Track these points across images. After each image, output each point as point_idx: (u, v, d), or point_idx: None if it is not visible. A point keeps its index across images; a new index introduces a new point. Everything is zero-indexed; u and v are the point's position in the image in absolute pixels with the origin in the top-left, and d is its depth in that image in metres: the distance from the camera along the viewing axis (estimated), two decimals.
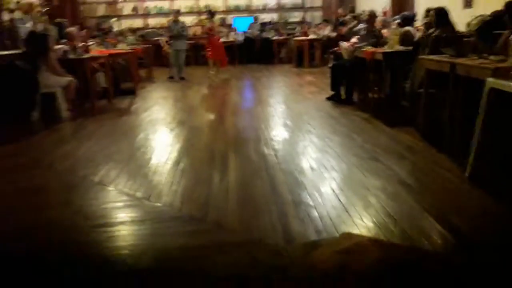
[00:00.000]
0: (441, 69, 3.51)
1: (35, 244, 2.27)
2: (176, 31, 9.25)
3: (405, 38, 5.01)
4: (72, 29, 7.48)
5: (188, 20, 13.38)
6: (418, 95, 4.12)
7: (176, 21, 9.46)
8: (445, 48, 3.67)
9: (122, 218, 2.54)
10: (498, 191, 2.59)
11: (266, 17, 13.74)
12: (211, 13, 9.51)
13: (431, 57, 3.78)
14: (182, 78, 9.19)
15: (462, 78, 3.28)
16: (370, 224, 2.27)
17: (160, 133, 4.55)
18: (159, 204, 2.65)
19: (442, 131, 3.49)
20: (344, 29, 7.85)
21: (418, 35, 5.12)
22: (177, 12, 9.83)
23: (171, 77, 9.34)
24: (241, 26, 13.04)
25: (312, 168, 3.16)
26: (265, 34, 12.63)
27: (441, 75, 3.54)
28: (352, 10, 10.28)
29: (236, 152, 3.72)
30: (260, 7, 13.72)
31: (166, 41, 12.07)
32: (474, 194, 2.67)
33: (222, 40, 12.23)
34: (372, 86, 5.39)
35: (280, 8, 13.74)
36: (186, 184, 2.97)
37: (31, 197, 2.91)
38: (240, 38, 12.65)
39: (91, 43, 7.76)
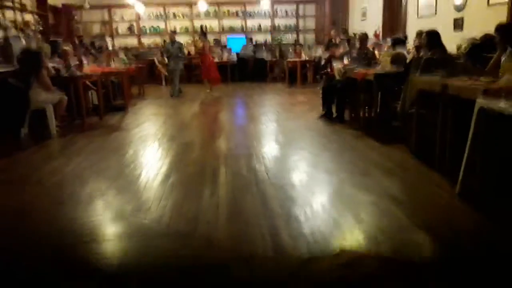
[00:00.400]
0: (433, 89, 3.55)
1: (23, 260, 2.20)
2: (172, 51, 9.40)
3: (397, 60, 5.08)
4: (66, 48, 7.50)
5: (183, 40, 13.53)
6: (409, 115, 4.15)
7: (173, 42, 9.57)
8: (436, 69, 3.73)
9: (110, 234, 2.49)
10: (487, 207, 2.60)
11: (260, 38, 13.94)
12: (203, 33, 9.67)
13: (423, 77, 3.83)
14: (173, 96, 9.30)
15: (452, 99, 3.32)
16: (361, 239, 2.24)
17: (150, 149, 4.51)
18: (146, 220, 2.60)
19: (433, 149, 3.50)
20: (336, 50, 7.94)
21: (409, 57, 5.20)
22: (174, 33, 9.98)
23: (172, 95, 9.43)
24: (235, 46, 13.19)
25: (302, 184, 3.14)
26: (258, 55, 12.78)
27: (432, 96, 3.58)
28: (345, 31, 10.45)
29: (227, 167, 3.69)
30: (254, 29, 13.93)
31: (160, 61, 12.18)
32: (463, 209, 2.67)
33: (216, 60, 12.38)
34: (363, 105, 5.43)
35: (273, 30, 13.96)
36: (175, 200, 2.93)
37: (19, 213, 2.84)
38: (234, 58, 12.78)
39: (84, 61, 7.77)
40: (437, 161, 3.41)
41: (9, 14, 9.03)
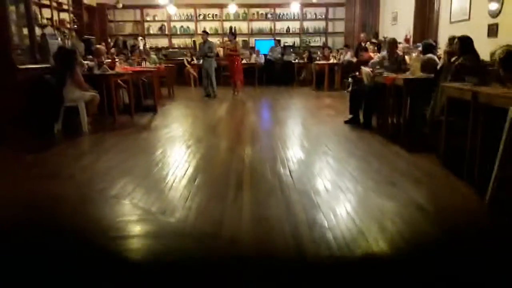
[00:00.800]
0: (463, 97, 3.48)
1: (51, 253, 2.29)
2: (204, 51, 9.60)
3: (427, 65, 5.00)
4: (100, 46, 7.73)
5: (212, 41, 13.70)
6: (439, 122, 4.08)
7: (205, 42, 9.75)
8: (468, 76, 3.65)
9: (136, 232, 2.56)
10: None
11: (288, 41, 13.94)
12: (233, 34, 9.68)
13: (453, 84, 3.75)
14: (209, 96, 9.54)
15: (484, 107, 3.24)
16: (385, 248, 2.22)
17: (177, 150, 4.59)
18: (173, 220, 2.66)
19: (462, 159, 3.43)
20: (365, 54, 7.87)
21: (440, 63, 5.10)
22: (206, 33, 10.10)
23: (207, 95, 9.59)
24: (263, 48, 13.24)
25: (327, 190, 3.13)
26: (286, 57, 12.77)
27: (463, 103, 3.51)
28: (376, 35, 10.33)
29: (252, 170, 3.72)
30: (283, 31, 13.94)
31: (190, 61, 12.36)
32: (492, 221, 2.61)
33: (244, 61, 12.48)
34: (392, 111, 5.36)
35: (302, 32, 13.93)
36: (200, 201, 2.98)
37: (49, 207, 2.96)
38: (261, 60, 12.83)
39: (116, 60, 7.98)
40: (466, 170, 3.33)
41: (46, 12, 9.38)
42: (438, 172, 3.57)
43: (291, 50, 13.30)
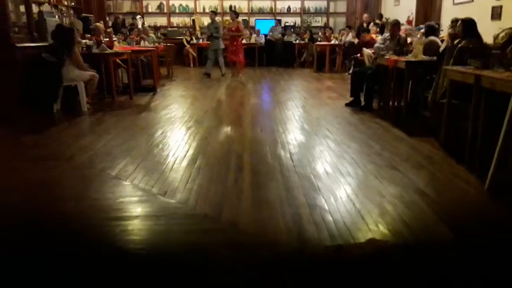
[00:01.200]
0: (466, 81, 3.45)
1: (50, 235, 2.30)
2: (210, 31, 9.55)
3: (429, 48, 4.95)
4: (98, 24, 7.63)
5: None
6: (440, 105, 4.06)
7: (212, 22, 9.67)
8: (471, 59, 3.61)
9: (137, 213, 2.57)
10: None
11: (289, 21, 13.76)
12: (235, 13, 9.51)
13: (455, 68, 3.71)
14: (208, 75, 9.52)
15: (486, 90, 3.22)
16: (385, 232, 2.24)
17: (177, 131, 4.58)
18: (173, 201, 2.67)
19: (463, 143, 3.42)
20: (367, 36, 7.78)
21: (442, 45, 5.04)
22: (214, 13, 10.00)
23: (206, 74, 9.56)
24: (264, 28, 13.08)
25: (328, 173, 3.13)
26: (287, 38, 12.62)
27: (465, 87, 3.48)
28: (381, 16, 10.19)
29: (252, 153, 3.72)
30: (284, 10, 13.75)
31: (189, 41, 12.21)
32: (492, 205, 2.63)
33: (244, 41, 12.33)
34: (393, 94, 5.33)
35: (303, 12, 13.75)
36: (201, 183, 2.98)
37: (49, 188, 2.96)
38: (262, 40, 12.68)
39: (115, 39, 7.88)
40: (467, 155, 3.34)
41: None
42: (438, 156, 3.57)
43: (292, 30, 13.13)
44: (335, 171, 3.18)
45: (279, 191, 2.80)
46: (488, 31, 4.57)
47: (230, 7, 13.38)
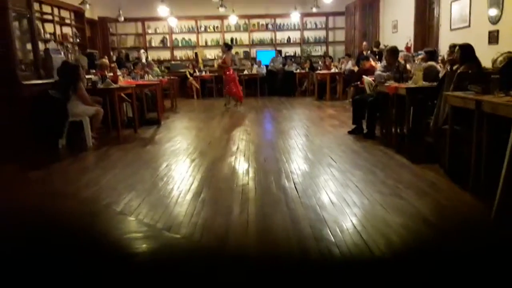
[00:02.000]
0: (467, 106, 3.48)
1: (56, 272, 2.29)
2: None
3: (429, 73, 5.01)
4: (103, 60, 7.80)
5: (213, 53, 13.84)
6: (443, 131, 4.07)
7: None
8: (471, 84, 3.65)
9: (142, 249, 2.55)
10: None
11: (289, 51, 14.01)
12: (227, 46, 9.73)
13: (456, 93, 3.75)
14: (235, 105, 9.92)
15: (488, 116, 3.24)
16: (392, 262, 2.21)
17: (182, 164, 4.60)
18: (178, 236, 2.66)
19: (468, 169, 3.41)
20: (366, 63, 7.90)
21: (441, 70, 5.11)
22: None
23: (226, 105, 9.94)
24: (265, 59, 13.31)
25: (333, 203, 3.12)
26: (287, 67, 12.83)
27: (466, 112, 3.50)
28: (378, 44, 10.38)
29: (256, 184, 3.72)
30: (284, 41, 14.02)
31: (192, 73, 12.43)
32: (498, 234, 2.59)
33: (245, 72, 12.54)
34: (395, 121, 5.35)
35: (303, 42, 14.00)
36: (206, 216, 2.98)
37: (54, 225, 2.96)
38: (263, 71, 12.89)
39: (119, 74, 8.03)
40: (472, 181, 3.32)
41: (48, 27, 9.48)
42: (443, 183, 3.55)
43: (292, 60, 13.36)
44: (341, 201, 3.16)
45: (285, 223, 2.78)
46: (486, 55, 4.65)
47: (231, 40, 13.68)
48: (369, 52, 9.38)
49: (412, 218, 2.79)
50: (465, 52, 4.21)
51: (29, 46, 6.16)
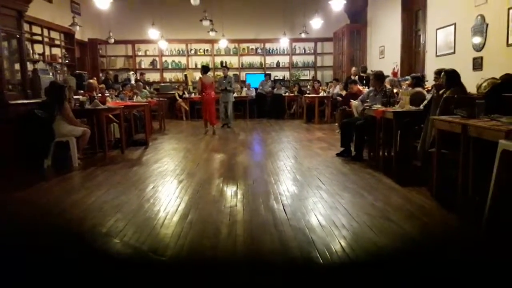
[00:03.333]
0: (453, 130, 3.53)
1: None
2: (224, 86, 9.86)
3: (416, 98, 5.09)
4: (92, 81, 7.78)
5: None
6: (430, 154, 4.11)
7: (225, 76, 10.02)
8: (457, 109, 3.71)
9: (128, 272, 2.48)
10: None
11: (278, 75, 14.19)
12: (203, 68, 9.37)
13: (442, 117, 3.80)
14: (228, 127, 10.04)
15: (474, 139, 3.29)
16: (382, 285, 2.18)
17: (169, 185, 4.55)
18: (164, 258, 2.60)
19: (455, 192, 3.44)
20: (354, 88, 8.02)
21: (428, 95, 5.20)
22: (226, 68, 10.49)
23: (223, 125, 10.07)
24: (254, 82, 13.45)
25: (322, 225, 3.09)
26: (276, 91, 12.97)
27: (453, 135, 3.55)
28: (365, 69, 10.57)
29: (245, 205, 3.68)
30: (273, 65, 14.22)
31: (181, 95, 12.45)
32: (487, 255, 2.59)
33: (235, 95, 12.62)
34: (383, 144, 5.40)
35: (292, 66, 14.21)
36: (193, 238, 2.92)
37: (40, 246, 2.88)
38: (252, 93, 13.00)
39: (107, 94, 8.02)
40: (459, 203, 3.34)
41: (38, 47, 9.47)
42: (430, 206, 3.56)
43: (281, 83, 13.53)
44: (330, 223, 3.14)
45: (274, 245, 2.74)
46: (471, 81, 4.75)
47: (221, 62, 13.82)
48: (356, 77, 9.53)
49: (401, 241, 2.78)
50: (451, 77, 4.31)
51: (17, 66, 6.14)
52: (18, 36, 5.89)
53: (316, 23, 11.30)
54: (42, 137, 5.45)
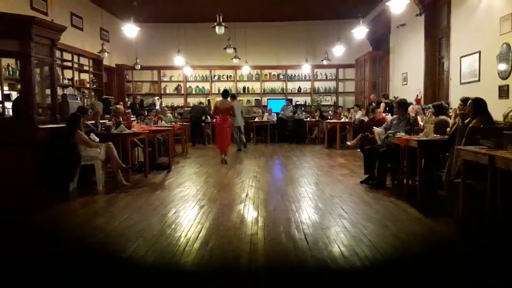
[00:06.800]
0: (479, 161, 3.45)
1: None
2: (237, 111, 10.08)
3: (440, 127, 5.02)
4: (118, 106, 7.99)
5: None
6: (455, 184, 4.02)
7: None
8: (483, 139, 3.64)
9: None
10: None
11: (299, 100, 14.27)
12: (223, 93, 9.14)
13: (468, 148, 3.74)
14: (239, 150, 10.62)
15: (501, 171, 3.21)
16: None
17: (190, 210, 4.56)
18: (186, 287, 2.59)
19: (482, 224, 3.33)
20: (378, 115, 7.97)
21: (451, 123, 5.12)
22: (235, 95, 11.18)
23: (239, 150, 10.62)
24: (275, 107, 13.55)
25: (345, 257, 3.03)
26: (298, 116, 13.01)
27: (479, 166, 3.47)
28: (386, 96, 10.51)
29: (265, 233, 3.65)
30: (295, 91, 14.32)
31: (204, 119, 12.63)
32: None
33: (256, 119, 12.74)
34: (406, 172, 5.32)
35: (313, 92, 14.27)
36: (214, 266, 2.91)
37: (61, 271, 2.92)
38: (274, 118, 13.08)
39: (133, 119, 8.20)
40: (488, 236, 3.23)
41: (67, 73, 9.83)
42: (455, 238, 3.45)
43: (303, 108, 13.58)
44: (352, 254, 3.07)
45: (295, 276, 2.70)
46: (496, 110, 4.67)
47: (244, 88, 14.05)
48: (382, 104, 9.40)
49: (425, 273, 2.70)
50: (477, 106, 4.23)
51: (48, 91, 6.36)
52: (50, 62, 6.12)
53: (338, 50, 11.40)
54: (69, 161, 5.57)
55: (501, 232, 3.11)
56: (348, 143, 10.32)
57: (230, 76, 14.31)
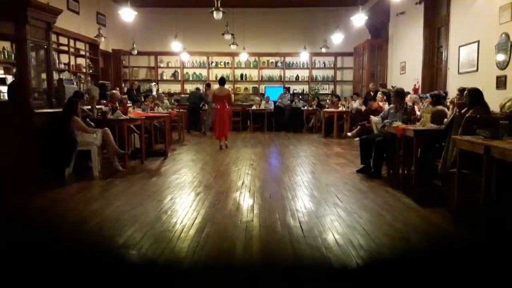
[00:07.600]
0: (475, 151, 3.46)
1: None
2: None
3: (437, 116, 5.02)
4: (115, 91, 7.94)
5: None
6: (451, 174, 4.04)
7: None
8: (480, 129, 3.65)
9: (142, 286, 2.50)
10: None
11: (297, 88, 14.22)
12: (219, 80, 9.10)
13: (464, 137, 3.74)
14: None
15: (497, 160, 3.22)
16: None
17: (187, 197, 4.57)
18: (180, 273, 2.60)
19: (477, 213, 3.36)
20: (374, 104, 7.96)
21: (449, 113, 5.12)
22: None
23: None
24: (273, 95, 13.50)
25: (339, 245, 3.05)
26: (295, 104, 12.99)
27: (475, 156, 3.48)
28: (384, 85, 10.49)
29: (261, 221, 3.66)
30: (292, 79, 14.26)
31: (201, 106, 12.59)
32: None
33: (254, 107, 12.71)
34: (402, 162, 5.33)
35: (311, 80, 14.22)
36: (209, 253, 2.92)
37: (57, 256, 2.92)
38: (271, 106, 13.05)
39: (129, 105, 8.15)
40: (482, 226, 3.25)
41: (63, 57, 9.73)
42: (450, 227, 3.48)
43: (300, 97, 13.54)
44: (347, 242, 3.09)
45: (289, 264, 2.72)
46: (494, 100, 4.67)
47: (241, 75, 13.97)
48: (379, 93, 9.38)
49: (419, 262, 2.72)
50: (474, 96, 4.24)
51: (43, 75, 6.30)
52: (45, 46, 6.06)
53: (337, 38, 11.31)
54: (66, 146, 5.54)
55: (496, 221, 3.13)
56: (349, 134, 10.32)
57: (228, 63, 14.22)
